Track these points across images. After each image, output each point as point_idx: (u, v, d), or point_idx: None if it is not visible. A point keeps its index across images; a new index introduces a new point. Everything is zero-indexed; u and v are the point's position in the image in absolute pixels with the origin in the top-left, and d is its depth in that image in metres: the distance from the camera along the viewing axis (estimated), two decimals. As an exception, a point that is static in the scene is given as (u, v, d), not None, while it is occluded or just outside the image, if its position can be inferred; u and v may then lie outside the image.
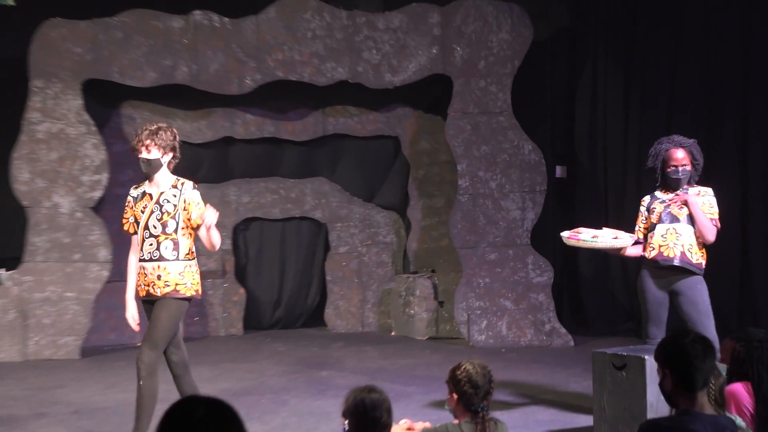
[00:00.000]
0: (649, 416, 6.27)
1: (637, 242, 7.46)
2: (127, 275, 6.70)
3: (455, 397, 4.80)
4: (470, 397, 4.75)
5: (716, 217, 7.31)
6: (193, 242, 6.62)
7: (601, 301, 11.72)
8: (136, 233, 6.64)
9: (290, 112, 11.71)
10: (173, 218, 6.53)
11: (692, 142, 7.40)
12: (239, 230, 12.01)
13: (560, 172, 11.86)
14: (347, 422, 4.38)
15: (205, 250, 11.63)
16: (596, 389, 6.98)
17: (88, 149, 10.57)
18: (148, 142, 6.57)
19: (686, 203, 7.25)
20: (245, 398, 8.09)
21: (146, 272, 6.53)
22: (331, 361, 10.07)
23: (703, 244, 7.28)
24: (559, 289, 11.43)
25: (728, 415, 4.32)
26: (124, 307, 6.67)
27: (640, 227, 7.49)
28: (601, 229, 7.60)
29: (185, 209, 6.54)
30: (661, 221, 7.31)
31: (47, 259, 10.46)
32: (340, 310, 12.00)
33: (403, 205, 12.23)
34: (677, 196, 7.31)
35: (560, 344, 10.81)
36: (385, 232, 12.23)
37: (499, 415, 5.09)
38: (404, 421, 4.96)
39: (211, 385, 8.78)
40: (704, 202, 7.30)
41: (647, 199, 7.52)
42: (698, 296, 7.24)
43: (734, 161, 10.52)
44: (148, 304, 6.58)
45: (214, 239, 6.60)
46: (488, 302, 10.95)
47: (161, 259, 6.50)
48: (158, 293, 6.48)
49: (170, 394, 6.60)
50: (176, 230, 6.52)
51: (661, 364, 4.13)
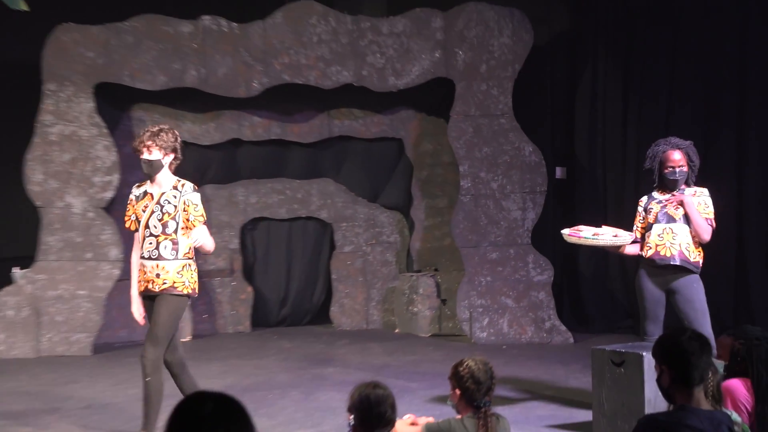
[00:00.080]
0: (646, 411, 6.26)
1: (635, 241, 7.46)
2: (131, 271, 6.73)
3: (458, 392, 4.80)
4: (472, 392, 4.75)
5: (711, 216, 7.29)
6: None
7: (600, 299, 11.71)
8: (137, 230, 6.66)
9: (296, 114, 11.71)
10: (173, 219, 6.54)
11: (689, 143, 7.39)
12: (247, 230, 12.00)
13: (560, 173, 11.85)
14: (353, 417, 4.38)
15: (215, 249, 11.71)
16: (595, 385, 6.97)
17: (99, 151, 10.57)
18: (149, 143, 6.57)
19: (682, 203, 7.25)
20: (253, 394, 8.09)
21: (146, 270, 6.56)
22: (336, 357, 10.07)
23: (699, 243, 7.28)
24: (559, 287, 11.41)
25: (724, 410, 4.31)
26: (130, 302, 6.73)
27: (637, 227, 7.49)
28: (600, 227, 7.60)
29: (184, 210, 6.55)
30: (657, 221, 7.30)
31: (60, 258, 10.47)
32: (345, 307, 11.99)
33: (406, 205, 12.22)
34: (673, 196, 7.30)
35: (560, 341, 10.80)
36: (389, 231, 12.22)
37: (500, 410, 5.08)
38: (408, 416, 4.96)
39: (219, 380, 8.79)
40: (700, 202, 7.29)
41: (644, 199, 7.52)
42: (694, 295, 7.23)
43: (731, 162, 10.50)
44: (147, 299, 6.62)
45: (203, 248, 6.66)
46: (490, 300, 10.95)
47: (160, 258, 6.52)
48: (156, 289, 6.51)
49: (177, 389, 6.63)
50: (176, 230, 6.54)
51: (658, 360, 4.13)
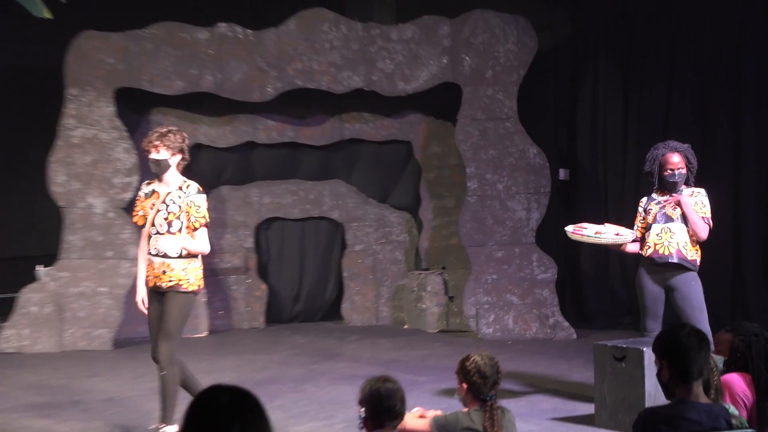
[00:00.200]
0: (647, 405, 6.26)
1: (636, 240, 7.45)
2: (137, 263, 6.75)
3: (465, 386, 4.80)
4: (479, 386, 4.75)
5: (708, 215, 7.28)
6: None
7: (601, 296, 11.68)
8: (144, 226, 6.67)
9: (309, 118, 11.70)
10: (178, 218, 6.53)
11: (686, 146, 7.37)
12: (261, 230, 12.00)
13: (563, 174, 11.83)
14: (363, 410, 4.38)
15: (230, 248, 11.78)
16: (597, 379, 6.97)
17: (119, 153, 10.58)
18: (157, 143, 6.56)
19: (679, 203, 7.24)
20: (267, 387, 8.09)
21: (153, 266, 6.56)
22: (347, 352, 10.07)
23: (696, 241, 7.27)
24: (562, 285, 11.39)
25: (723, 404, 4.30)
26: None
27: (638, 227, 7.49)
28: (603, 224, 7.61)
29: (186, 210, 6.53)
30: (656, 221, 7.30)
31: (82, 256, 10.49)
32: (356, 304, 11.99)
33: (415, 205, 12.21)
34: (671, 196, 7.30)
35: (563, 337, 10.79)
36: (398, 231, 12.21)
37: (506, 403, 5.08)
38: (417, 409, 4.95)
39: (235, 374, 8.80)
40: (697, 201, 7.28)
41: (644, 200, 7.52)
42: (692, 292, 7.22)
43: (728, 163, 10.47)
44: (156, 294, 6.61)
45: (197, 252, 6.60)
46: (495, 297, 10.93)
47: (165, 256, 6.51)
48: (164, 286, 6.52)
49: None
50: (180, 230, 6.52)
51: (658, 355, 4.12)
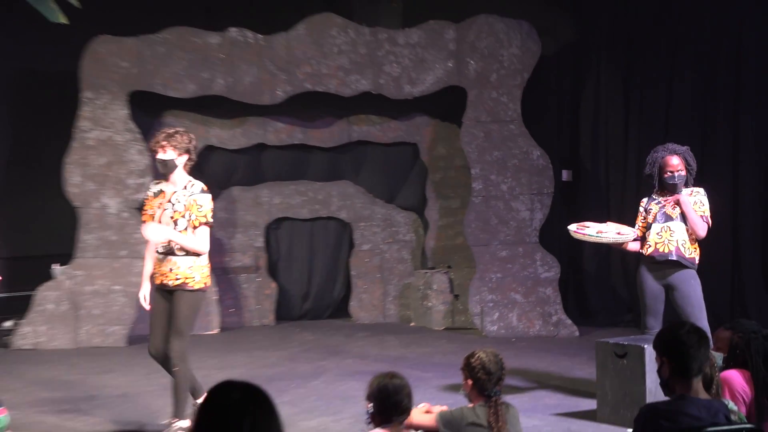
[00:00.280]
0: (648, 400, 6.25)
1: (637, 239, 7.45)
2: (144, 259, 6.76)
3: (470, 382, 4.80)
4: (484, 382, 4.75)
5: (707, 214, 7.28)
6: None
7: (603, 294, 11.67)
8: None
9: (318, 120, 11.71)
10: (183, 217, 6.50)
11: (685, 149, 7.37)
12: (271, 229, 12.01)
13: (566, 175, 11.81)
14: (371, 405, 4.38)
15: (241, 247, 11.79)
16: (599, 376, 6.97)
17: (133, 155, 10.60)
18: (164, 143, 6.53)
19: (678, 202, 7.24)
20: (277, 383, 8.10)
21: (161, 263, 6.55)
22: (355, 349, 10.07)
23: (695, 239, 7.26)
24: (565, 283, 11.38)
25: (722, 399, 4.30)
26: None
27: (639, 226, 7.49)
28: (605, 223, 7.61)
29: (189, 208, 6.52)
30: (656, 221, 7.31)
31: (96, 255, 10.50)
32: (363, 302, 11.99)
33: (421, 206, 12.20)
34: (671, 196, 7.30)
35: (566, 334, 10.78)
36: (404, 231, 12.21)
37: (510, 399, 5.07)
38: (423, 404, 4.95)
39: (245, 370, 8.81)
40: (696, 200, 7.29)
41: (645, 200, 7.53)
42: (691, 290, 7.22)
43: (727, 164, 10.46)
44: (162, 291, 6.60)
45: (190, 248, 6.53)
46: (500, 296, 10.93)
47: (172, 253, 6.51)
48: (170, 284, 6.51)
49: (207, 378, 6.64)
50: (186, 228, 6.49)
51: (659, 352, 4.12)
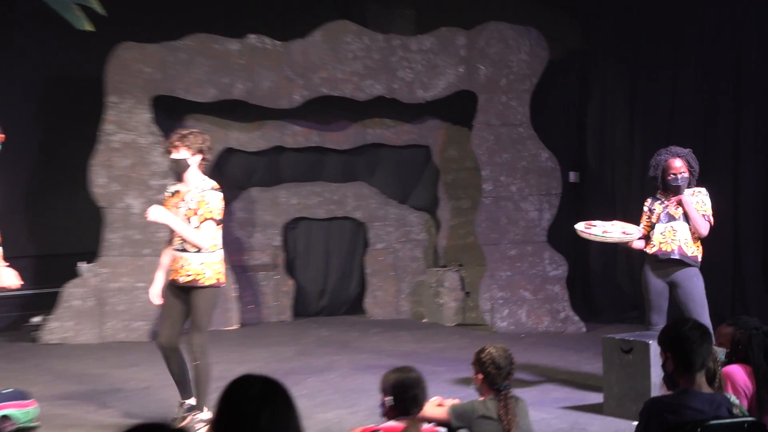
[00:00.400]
0: (652, 394, 6.24)
1: (641, 237, 7.44)
2: (161, 258, 6.77)
3: (480, 377, 4.81)
4: (494, 377, 4.75)
5: (709, 213, 7.27)
6: (216, 235, 6.59)
7: (609, 292, 11.64)
8: None
9: (333, 124, 11.71)
10: (195, 215, 6.51)
11: (688, 151, 7.35)
12: (289, 229, 12.02)
13: (573, 177, 11.79)
14: (391, 399, 4.36)
15: (260, 246, 11.81)
16: (606, 370, 6.96)
17: (156, 157, 10.63)
18: (177, 143, 6.53)
19: (680, 202, 7.23)
20: (294, 377, 8.10)
21: (174, 260, 6.56)
22: (369, 344, 10.07)
23: (698, 238, 7.25)
24: (572, 281, 11.34)
25: (724, 393, 4.29)
26: None
27: (643, 225, 7.49)
28: (611, 222, 7.62)
29: (199, 205, 6.52)
30: (660, 221, 7.30)
31: (121, 253, 10.54)
32: (377, 299, 11.99)
33: (433, 206, 12.19)
34: (674, 197, 7.29)
35: (573, 330, 10.76)
36: (417, 230, 12.21)
37: (519, 392, 5.07)
38: (435, 398, 4.95)
39: (264, 364, 8.83)
40: (698, 200, 7.28)
41: (649, 200, 7.53)
42: (694, 288, 7.21)
43: (728, 166, 10.43)
44: (175, 288, 6.60)
45: (189, 239, 6.51)
46: (509, 293, 10.92)
47: (184, 250, 6.51)
48: (181, 281, 6.52)
49: (227, 372, 6.65)
50: (198, 226, 6.51)
51: (663, 348, 4.12)
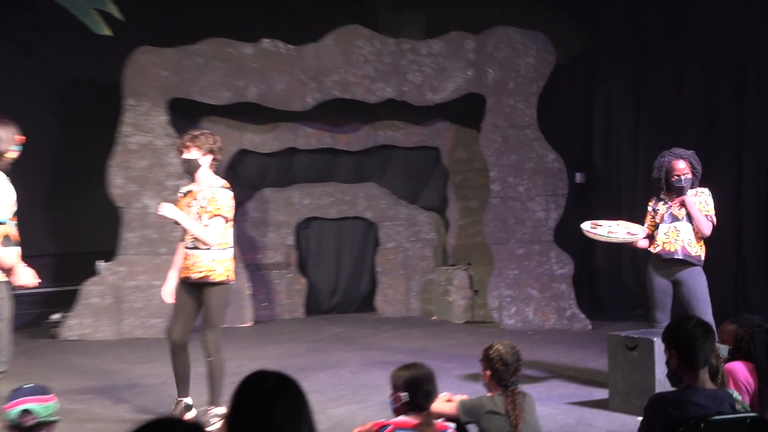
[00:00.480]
0: (657, 390, 6.24)
1: (646, 236, 7.44)
2: (174, 256, 6.78)
3: (488, 373, 4.81)
4: (501, 373, 4.76)
5: (712, 213, 7.26)
6: (227, 233, 6.60)
7: (614, 290, 11.63)
8: None
9: (345, 126, 11.72)
10: (206, 212, 6.53)
11: (691, 153, 7.34)
12: (301, 228, 12.03)
13: (579, 178, 11.78)
14: (405, 394, 4.35)
15: (273, 245, 11.83)
16: (611, 367, 6.96)
17: (172, 158, 10.62)
18: (189, 144, 6.55)
19: (683, 203, 7.23)
20: (306, 372, 8.11)
21: (187, 257, 6.57)
22: (380, 341, 10.08)
23: (701, 238, 7.24)
24: (578, 279, 11.33)
25: (727, 389, 4.29)
26: None
27: (647, 225, 7.49)
28: (617, 221, 7.62)
29: (209, 203, 6.53)
30: (663, 221, 7.30)
31: (138, 252, 10.57)
32: (388, 297, 12.00)
33: (442, 206, 12.19)
34: (677, 198, 7.29)
35: (579, 328, 10.75)
36: (427, 230, 12.21)
37: (526, 388, 5.08)
38: (444, 393, 4.96)
39: (277, 360, 8.84)
40: (701, 201, 7.27)
41: (653, 201, 7.52)
42: (697, 286, 7.20)
43: (731, 166, 10.42)
44: (187, 285, 6.61)
45: (197, 235, 6.50)
46: (517, 291, 10.91)
47: (196, 248, 6.52)
48: (193, 278, 6.53)
49: (241, 368, 6.67)
50: (207, 223, 6.51)
51: (667, 345, 4.12)
